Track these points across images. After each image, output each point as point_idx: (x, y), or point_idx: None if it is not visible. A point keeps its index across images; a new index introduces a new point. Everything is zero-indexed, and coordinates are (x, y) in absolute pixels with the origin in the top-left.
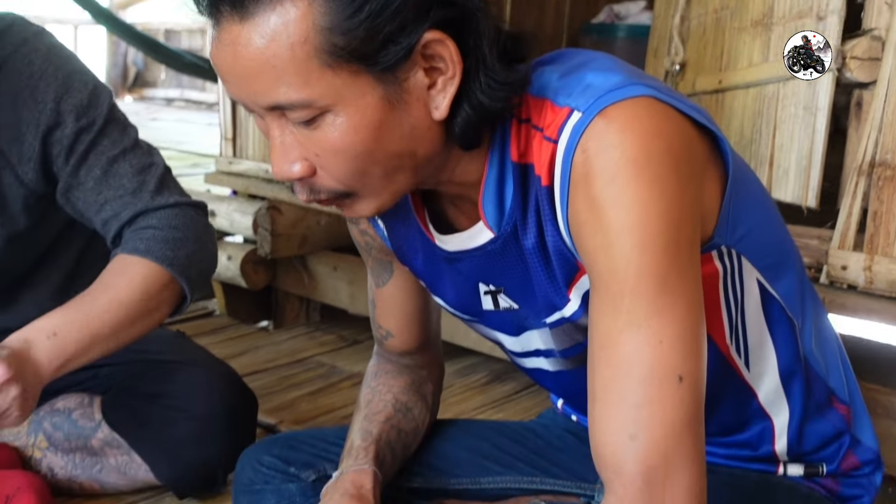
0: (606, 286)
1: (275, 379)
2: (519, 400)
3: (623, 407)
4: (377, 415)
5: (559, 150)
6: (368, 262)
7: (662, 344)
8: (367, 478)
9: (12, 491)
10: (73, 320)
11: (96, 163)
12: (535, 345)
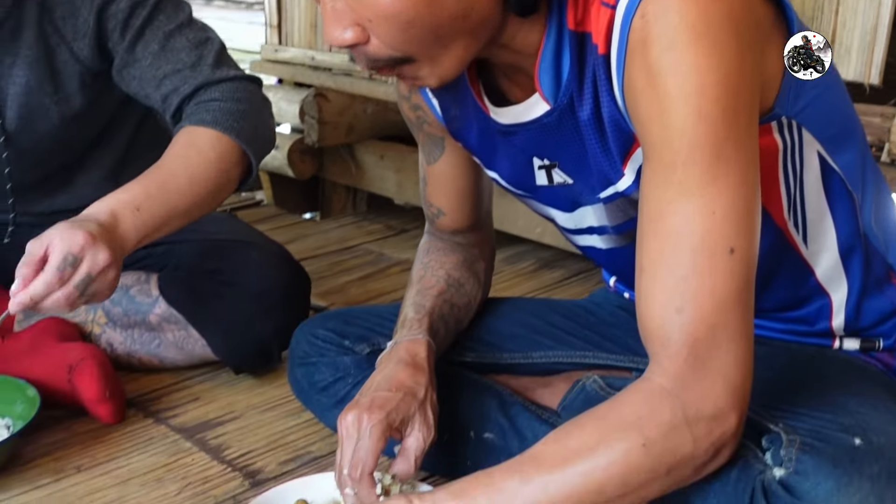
0: (659, 156)
1: (325, 265)
2: (567, 286)
3: (671, 279)
4: (430, 289)
5: (617, 15)
6: (420, 139)
7: (715, 215)
8: (422, 347)
9: (75, 361)
10: (155, 195)
11: (153, 38)
12: (589, 221)
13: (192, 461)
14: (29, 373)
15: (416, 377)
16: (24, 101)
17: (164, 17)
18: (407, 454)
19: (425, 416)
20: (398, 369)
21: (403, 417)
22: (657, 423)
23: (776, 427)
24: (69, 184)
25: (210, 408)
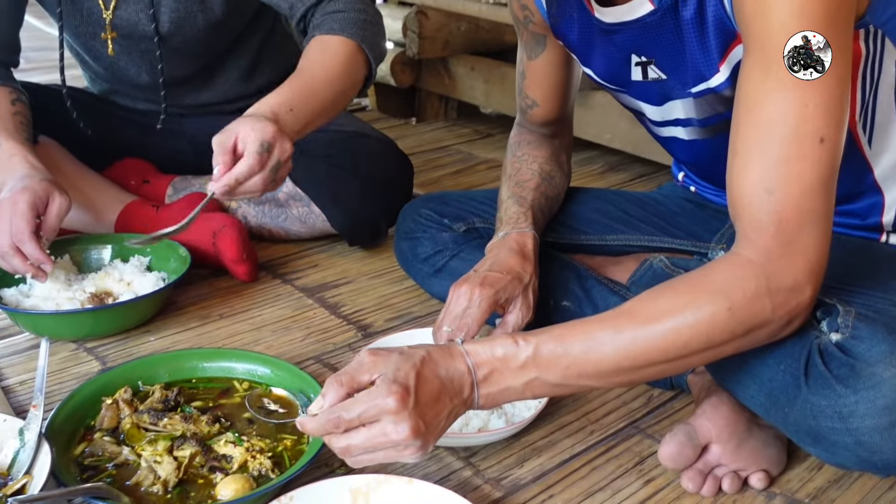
0: (761, 49)
1: (421, 161)
2: (632, 186)
3: (763, 162)
4: (528, 182)
5: None
6: (523, 37)
7: (808, 107)
8: (529, 239)
9: (218, 227)
10: (303, 98)
11: None
12: (676, 114)
13: (313, 315)
14: (180, 236)
15: (524, 265)
16: (175, 7)
17: None
18: (506, 327)
19: (527, 298)
20: (509, 256)
21: (509, 297)
22: (743, 290)
23: (831, 300)
24: (210, 81)
25: (327, 272)
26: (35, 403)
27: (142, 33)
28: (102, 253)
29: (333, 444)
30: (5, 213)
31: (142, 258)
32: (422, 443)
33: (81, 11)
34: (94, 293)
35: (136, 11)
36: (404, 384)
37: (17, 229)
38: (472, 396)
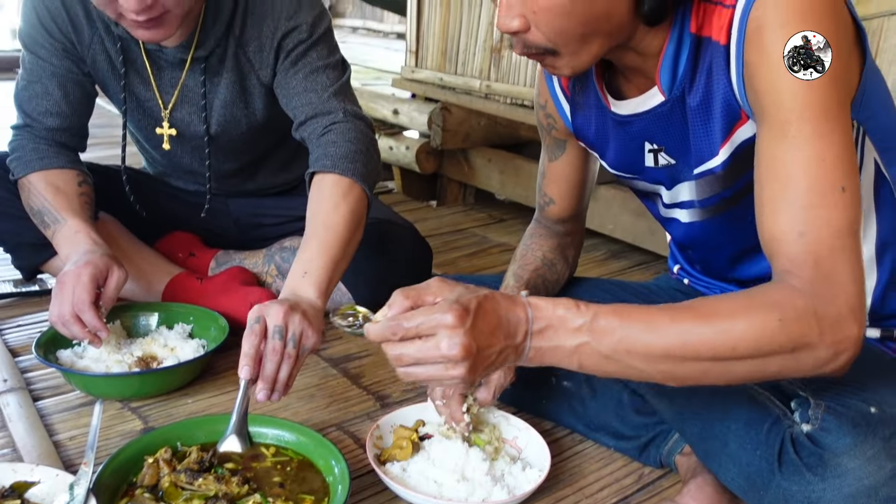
0: (775, 116)
1: (440, 242)
2: (631, 273)
3: (791, 210)
4: (528, 265)
5: (737, 11)
6: (546, 141)
7: (825, 160)
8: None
9: (256, 300)
10: (336, 265)
11: (302, 68)
12: (683, 196)
13: (336, 384)
14: (220, 307)
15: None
16: (223, 112)
17: (315, 55)
18: (490, 385)
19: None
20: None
21: None
22: (794, 307)
23: (804, 393)
24: (253, 174)
25: (351, 345)
26: (86, 461)
27: (193, 132)
28: (150, 320)
29: (388, 351)
30: (69, 284)
31: (185, 325)
32: (469, 366)
33: (143, 108)
34: (140, 357)
35: (190, 113)
36: (465, 306)
37: (79, 299)
38: (524, 345)
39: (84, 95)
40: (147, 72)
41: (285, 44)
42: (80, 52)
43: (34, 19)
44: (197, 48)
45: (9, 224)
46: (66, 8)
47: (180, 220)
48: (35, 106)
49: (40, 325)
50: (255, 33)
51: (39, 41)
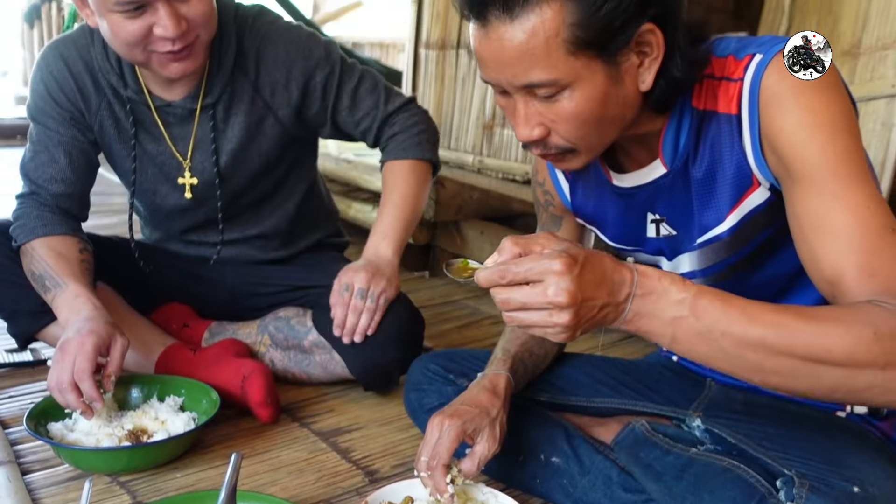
0: (808, 175)
1: (432, 314)
2: (621, 346)
3: (854, 256)
4: (517, 339)
5: (745, 83)
6: (542, 217)
7: (870, 207)
8: (502, 380)
9: (248, 372)
10: (407, 226)
11: (345, 96)
12: (684, 268)
13: (326, 459)
14: (212, 379)
15: (493, 401)
16: (234, 154)
17: (346, 79)
18: (474, 457)
19: (493, 431)
20: (480, 393)
21: (476, 428)
22: (889, 325)
23: (790, 472)
24: (259, 215)
25: (342, 418)
26: None
27: (207, 178)
28: (142, 392)
29: (496, 295)
30: (70, 351)
31: (176, 398)
32: (573, 315)
33: (155, 164)
34: (131, 430)
35: (203, 161)
36: (574, 255)
37: (79, 368)
38: (625, 305)
39: (88, 163)
40: (159, 129)
41: (314, 83)
42: (88, 120)
43: (42, 90)
44: (205, 96)
45: (7, 291)
46: (75, 78)
47: (176, 291)
48: (41, 173)
49: (32, 397)
50: (271, 77)
51: (47, 111)
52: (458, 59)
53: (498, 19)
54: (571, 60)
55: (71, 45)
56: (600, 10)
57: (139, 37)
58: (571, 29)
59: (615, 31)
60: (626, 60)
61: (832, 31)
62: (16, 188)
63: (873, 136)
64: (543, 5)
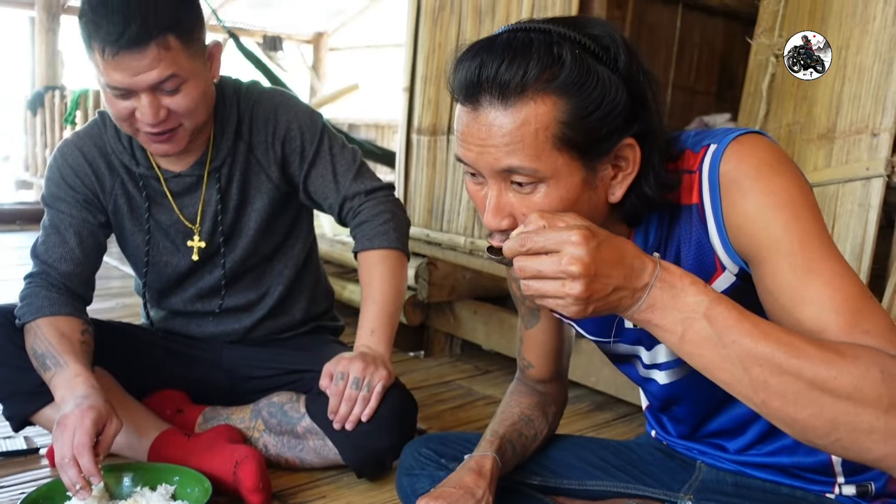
0: (777, 252)
1: (426, 395)
2: (614, 426)
3: (842, 318)
4: (505, 420)
5: (703, 171)
6: (521, 310)
7: (844, 275)
8: (488, 461)
9: (241, 458)
10: (390, 323)
11: (321, 164)
12: (662, 357)
13: None
14: (205, 464)
15: (478, 482)
16: (235, 211)
17: (324, 147)
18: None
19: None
20: (466, 474)
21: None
22: (892, 364)
23: None
24: (259, 280)
25: None
26: None
27: (213, 240)
28: (133, 480)
29: (516, 263)
30: (70, 426)
31: (168, 486)
32: (584, 286)
33: (166, 234)
34: None
35: (208, 222)
36: (593, 230)
37: (79, 443)
38: (641, 294)
39: (97, 245)
40: (168, 200)
41: (295, 144)
42: (103, 201)
43: (58, 178)
44: (211, 162)
45: (5, 373)
46: (90, 163)
47: (172, 375)
48: (51, 254)
49: (24, 487)
50: (262, 136)
51: (61, 196)
52: (448, 145)
53: (490, 105)
54: (555, 155)
55: (86, 137)
56: (591, 116)
57: (125, 115)
58: (561, 126)
59: (600, 138)
60: (602, 169)
61: (808, 115)
62: (15, 273)
63: (851, 217)
64: (538, 99)
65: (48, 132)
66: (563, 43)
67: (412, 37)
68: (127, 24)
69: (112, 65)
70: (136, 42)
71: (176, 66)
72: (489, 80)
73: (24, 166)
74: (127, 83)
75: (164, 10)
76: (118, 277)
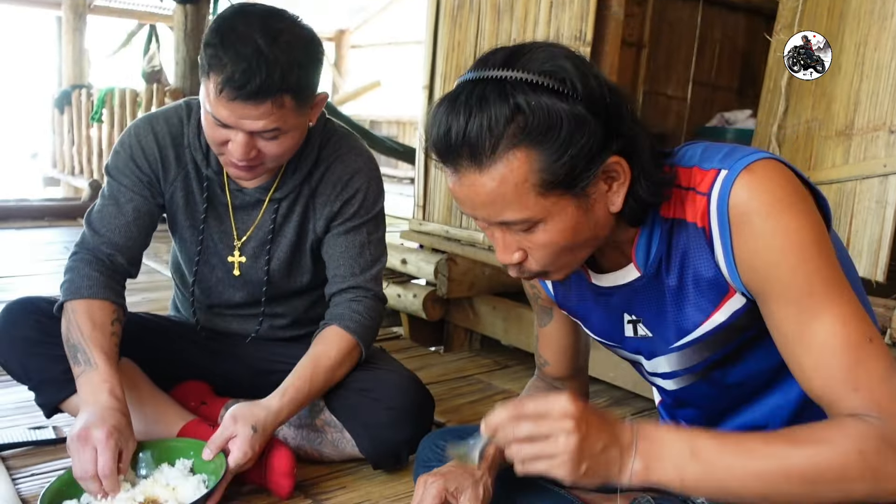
0: (785, 295)
1: (445, 389)
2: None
3: (838, 373)
4: None
5: (712, 198)
6: (535, 308)
7: (847, 322)
8: (490, 447)
9: (271, 445)
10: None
11: (352, 238)
12: (662, 368)
13: None
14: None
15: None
16: (285, 249)
17: (365, 232)
18: None
19: (476, 491)
20: None
21: (458, 487)
22: (871, 442)
23: None
24: (285, 303)
25: (353, 494)
26: None
27: (258, 265)
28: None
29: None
30: (91, 444)
31: (186, 461)
32: (577, 443)
33: (213, 239)
34: (142, 502)
35: (256, 247)
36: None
37: (105, 465)
38: (630, 452)
39: (151, 224)
40: (227, 209)
41: (346, 210)
42: (162, 188)
43: (127, 154)
44: (275, 191)
45: (36, 362)
46: (160, 148)
47: (198, 369)
48: (105, 223)
49: (53, 475)
50: (329, 190)
51: (125, 172)
52: None
53: (468, 168)
54: (541, 200)
55: (163, 121)
56: (563, 156)
57: (218, 142)
58: (539, 174)
59: (581, 171)
60: (594, 191)
61: (826, 112)
62: (45, 268)
63: (869, 214)
64: (509, 155)
65: (75, 130)
66: (516, 91)
67: (432, 35)
68: (251, 76)
69: (223, 104)
70: (254, 96)
71: (282, 122)
72: (458, 144)
73: (51, 163)
74: (231, 122)
75: (289, 72)
76: (144, 273)
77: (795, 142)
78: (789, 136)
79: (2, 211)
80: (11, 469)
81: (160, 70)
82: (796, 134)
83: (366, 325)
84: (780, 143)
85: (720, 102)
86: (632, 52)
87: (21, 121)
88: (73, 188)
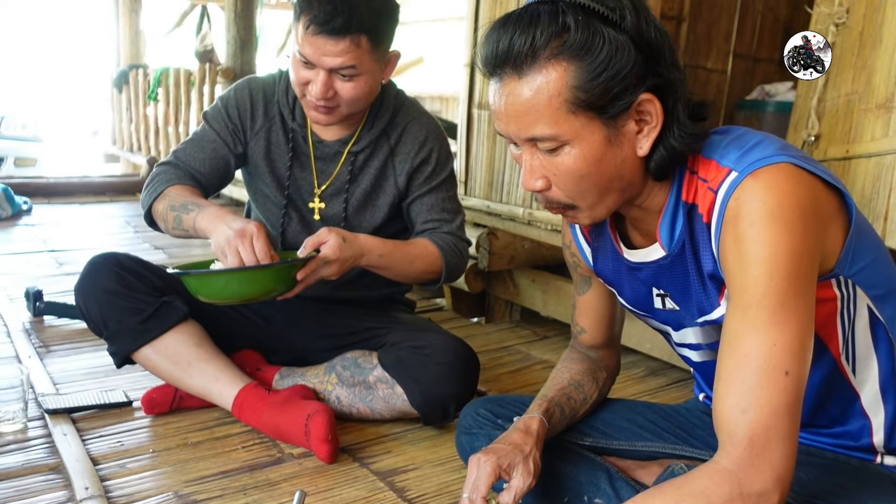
0: (739, 298)
1: (487, 359)
2: (668, 391)
3: (740, 388)
4: (555, 385)
5: (718, 198)
6: (574, 277)
7: (776, 346)
8: (535, 422)
9: (312, 412)
10: (392, 255)
11: (434, 196)
12: (689, 339)
13: (383, 497)
14: (280, 417)
15: (525, 439)
16: (360, 198)
17: (445, 189)
18: (510, 490)
19: (528, 466)
20: (514, 433)
21: (510, 463)
22: (719, 494)
23: None
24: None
25: (399, 458)
26: None
27: (334, 211)
28: None
29: None
30: (248, 236)
31: None
32: None
33: (296, 186)
34: None
35: (334, 195)
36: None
37: (262, 249)
38: None
39: (224, 168)
40: (309, 158)
41: (425, 169)
42: (248, 136)
43: (224, 106)
44: (354, 144)
45: (114, 311)
46: (252, 102)
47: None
48: (187, 155)
49: (121, 436)
50: (407, 148)
51: (217, 118)
52: None
53: (509, 76)
54: (572, 119)
55: (260, 83)
56: (599, 77)
57: (302, 81)
58: (573, 91)
59: (614, 97)
60: (624, 125)
61: (866, 85)
62: (107, 242)
63: None
64: (549, 67)
65: (133, 108)
66: (567, 11)
67: (473, 12)
68: (335, 14)
69: (309, 40)
70: (335, 32)
71: (357, 61)
72: (504, 53)
73: (111, 140)
74: (314, 58)
75: (368, 14)
76: (199, 245)
77: (835, 115)
78: (829, 109)
79: (66, 187)
80: (81, 431)
81: (212, 50)
82: (836, 107)
83: (450, 251)
84: (819, 117)
85: (761, 75)
86: (672, 26)
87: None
88: (132, 164)
